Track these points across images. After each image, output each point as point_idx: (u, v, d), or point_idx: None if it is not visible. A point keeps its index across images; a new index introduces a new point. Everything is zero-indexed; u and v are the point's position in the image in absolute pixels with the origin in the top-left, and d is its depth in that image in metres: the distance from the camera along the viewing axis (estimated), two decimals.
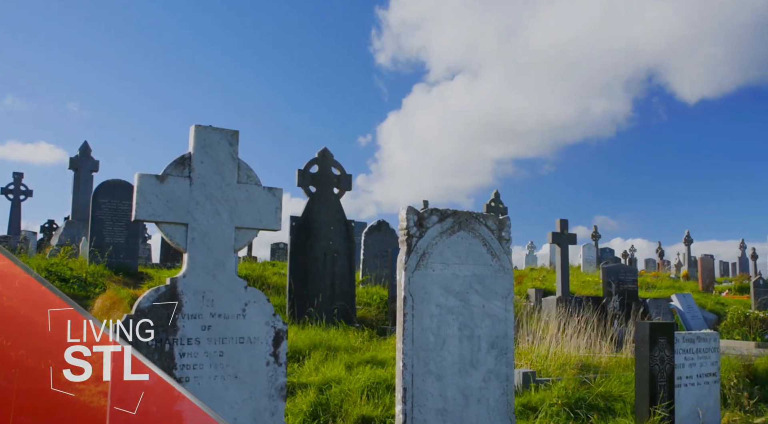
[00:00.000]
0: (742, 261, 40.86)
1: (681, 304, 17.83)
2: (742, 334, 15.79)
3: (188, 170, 4.19)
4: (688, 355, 6.75)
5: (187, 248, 4.13)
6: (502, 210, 21.85)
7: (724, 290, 28.19)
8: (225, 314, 4.16)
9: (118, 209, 15.75)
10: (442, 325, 5.06)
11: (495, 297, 5.37)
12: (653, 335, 6.53)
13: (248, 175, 4.42)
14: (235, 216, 4.32)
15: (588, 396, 7.33)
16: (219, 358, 4.10)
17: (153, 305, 3.93)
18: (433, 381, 4.97)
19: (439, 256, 5.13)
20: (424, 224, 5.11)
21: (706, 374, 6.90)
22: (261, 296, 4.34)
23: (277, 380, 4.31)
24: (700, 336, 6.91)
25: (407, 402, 4.84)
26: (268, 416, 4.25)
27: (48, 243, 23.97)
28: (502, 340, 5.37)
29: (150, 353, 3.86)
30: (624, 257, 39.44)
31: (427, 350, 4.97)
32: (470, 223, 5.32)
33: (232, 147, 4.36)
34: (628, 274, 16.98)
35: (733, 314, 16.81)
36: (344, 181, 12.66)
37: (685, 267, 37.85)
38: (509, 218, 5.53)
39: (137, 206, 4.00)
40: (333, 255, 12.35)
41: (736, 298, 24.24)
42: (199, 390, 4.01)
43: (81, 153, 23.54)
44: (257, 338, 4.25)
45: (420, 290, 4.99)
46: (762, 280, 22.18)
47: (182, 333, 3.99)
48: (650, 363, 6.47)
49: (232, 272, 4.26)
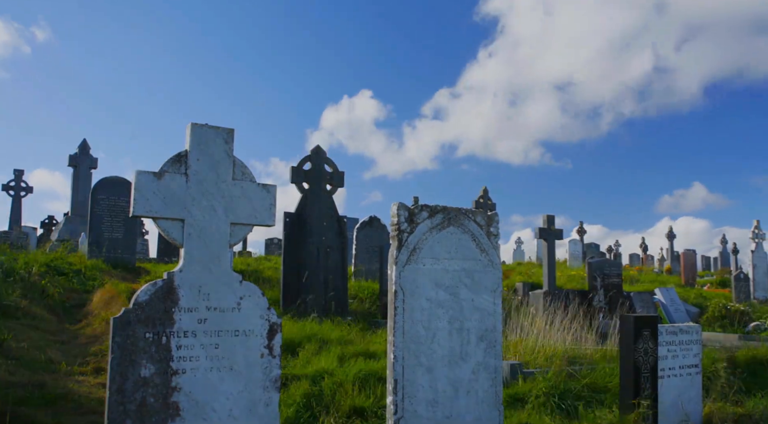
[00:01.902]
0: (724, 256, 41.07)
1: (664, 297, 17.89)
2: (723, 326, 15.87)
3: (185, 167, 4.18)
4: (671, 347, 6.77)
5: (184, 243, 4.12)
6: (490, 206, 21.89)
7: (705, 283, 28.30)
8: (221, 307, 4.15)
9: (116, 205, 15.74)
10: (432, 318, 5.07)
11: (484, 291, 5.38)
12: (637, 327, 6.55)
13: (243, 172, 4.41)
14: (231, 212, 4.31)
15: (574, 387, 7.35)
16: (215, 350, 4.10)
17: (150, 298, 3.92)
18: (424, 373, 4.97)
19: (429, 251, 5.13)
20: (415, 220, 5.11)
21: (689, 366, 6.92)
22: (256, 290, 4.33)
23: (271, 372, 4.30)
24: (683, 329, 6.93)
25: (398, 393, 4.84)
26: (263, 406, 4.25)
27: (48, 238, 23.93)
28: (490, 333, 5.37)
29: (147, 345, 3.86)
30: (609, 251, 39.58)
31: (418, 343, 4.97)
32: (459, 218, 5.33)
33: (227, 145, 4.35)
34: (613, 268, 17.02)
35: (714, 307, 16.90)
36: (337, 178, 12.67)
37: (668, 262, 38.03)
38: (497, 213, 5.53)
39: (135, 202, 3.98)
40: (326, 250, 12.35)
41: (717, 291, 24.34)
42: (195, 382, 4.01)
43: (80, 150, 23.51)
44: (252, 330, 4.25)
45: (411, 284, 4.99)
46: (742, 274, 22.27)
47: (179, 326, 3.98)
48: (634, 355, 6.48)
49: (228, 267, 4.25)
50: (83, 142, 23.51)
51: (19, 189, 27.32)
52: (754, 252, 23.15)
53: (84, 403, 6.50)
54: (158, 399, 3.88)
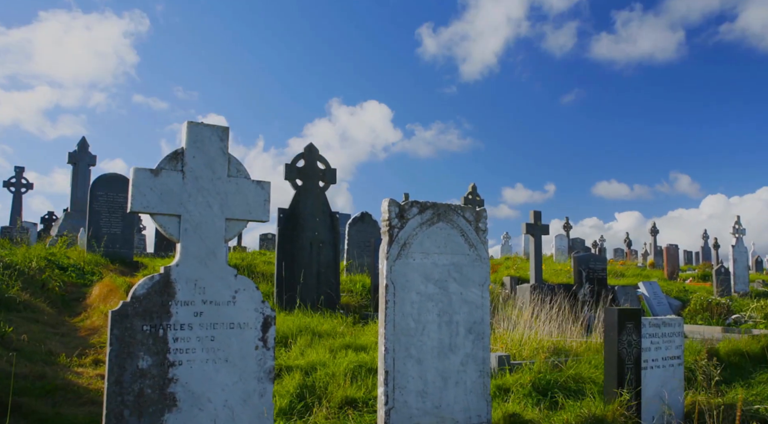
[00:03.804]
0: (705, 250, 41.21)
1: (648, 291, 17.96)
2: (704, 319, 15.93)
3: (181, 164, 4.18)
4: (654, 339, 6.79)
5: (180, 239, 4.12)
6: (478, 202, 21.90)
7: (688, 277, 28.40)
8: (216, 300, 4.15)
9: (114, 202, 15.73)
10: (422, 311, 5.08)
11: (472, 285, 5.40)
12: (621, 320, 6.57)
13: (238, 169, 4.41)
14: (226, 208, 4.31)
15: (560, 378, 7.36)
16: (210, 342, 4.10)
17: (148, 292, 3.92)
18: (414, 364, 4.99)
19: (419, 246, 5.14)
20: (405, 216, 5.12)
21: (671, 357, 6.94)
22: (250, 283, 4.34)
23: (265, 364, 4.31)
24: (666, 321, 6.95)
25: (389, 384, 4.85)
26: (257, 397, 4.26)
27: (48, 234, 23.90)
28: (478, 325, 5.39)
29: (145, 337, 3.86)
30: (594, 246, 39.66)
31: (408, 335, 4.98)
32: (449, 214, 5.34)
33: (222, 142, 4.35)
34: (598, 263, 17.07)
35: (696, 301, 16.96)
36: (329, 175, 12.65)
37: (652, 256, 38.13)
38: (485, 209, 5.55)
39: (133, 199, 3.98)
40: (318, 245, 12.34)
41: (699, 285, 24.43)
42: (191, 373, 4.01)
43: (79, 148, 23.48)
44: (247, 323, 4.26)
45: (401, 278, 5.01)
46: (723, 268, 22.35)
47: (175, 319, 3.98)
48: (618, 347, 6.50)
49: (223, 261, 4.25)
50: (82, 139, 23.47)
51: (19, 186, 27.35)
52: (735, 247, 23.22)
53: (83, 394, 6.49)
54: (155, 390, 3.88)
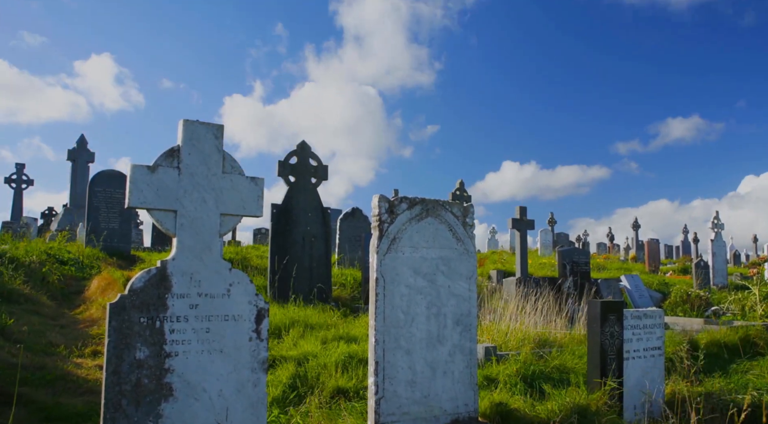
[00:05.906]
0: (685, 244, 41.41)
1: (629, 284, 18.00)
2: (684, 311, 15.99)
3: (177, 161, 4.17)
4: (636, 330, 6.82)
5: (176, 233, 4.11)
6: (466, 198, 21.93)
7: (668, 271, 28.55)
8: (211, 293, 4.15)
9: (112, 197, 15.68)
10: (411, 304, 5.09)
11: (460, 278, 5.41)
12: (604, 312, 6.59)
13: (232, 165, 4.40)
14: (221, 203, 4.30)
15: (545, 369, 7.39)
16: (206, 334, 4.10)
17: (145, 285, 3.92)
18: (403, 355, 5.00)
19: (408, 240, 5.15)
20: (395, 211, 5.12)
21: (652, 348, 6.97)
22: (244, 277, 4.33)
23: (259, 355, 4.31)
24: (647, 313, 6.98)
25: (379, 375, 4.86)
26: (251, 387, 4.26)
27: (48, 229, 23.81)
28: (466, 317, 5.40)
29: (142, 329, 3.85)
30: (578, 241, 39.81)
31: (398, 327, 4.99)
32: (437, 210, 5.35)
33: (217, 140, 4.34)
34: (582, 256, 17.10)
35: (676, 293, 17.02)
36: (321, 172, 12.64)
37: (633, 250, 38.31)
38: (473, 205, 5.56)
39: (130, 194, 3.97)
40: (311, 239, 12.34)
41: (679, 278, 24.54)
42: (187, 364, 4.01)
43: (78, 146, 23.42)
44: (241, 315, 4.25)
45: (391, 271, 5.01)
46: (702, 262, 22.45)
47: (172, 311, 3.98)
48: (601, 338, 6.53)
49: (218, 255, 4.25)
50: (81, 137, 23.41)
51: (20, 182, 27.32)
52: (714, 241, 23.32)
53: (82, 384, 6.49)
54: (152, 380, 3.88)
